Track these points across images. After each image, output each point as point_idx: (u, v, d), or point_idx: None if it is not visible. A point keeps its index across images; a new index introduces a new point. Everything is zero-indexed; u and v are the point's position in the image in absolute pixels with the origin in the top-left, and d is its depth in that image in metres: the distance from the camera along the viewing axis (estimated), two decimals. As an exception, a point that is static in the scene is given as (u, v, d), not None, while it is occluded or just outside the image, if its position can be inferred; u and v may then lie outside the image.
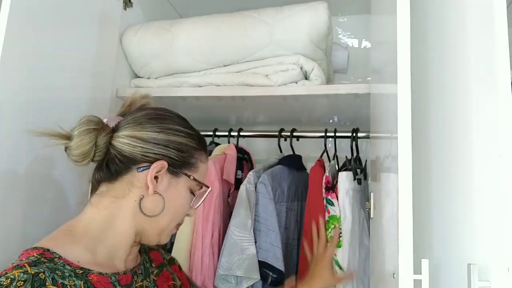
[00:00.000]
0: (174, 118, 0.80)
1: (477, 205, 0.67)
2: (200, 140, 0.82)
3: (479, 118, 0.69)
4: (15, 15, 0.88)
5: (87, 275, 0.68)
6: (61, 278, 0.64)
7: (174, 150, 0.76)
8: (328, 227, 1.07)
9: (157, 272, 0.85)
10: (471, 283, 0.58)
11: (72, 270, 0.66)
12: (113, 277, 0.72)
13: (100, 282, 0.69)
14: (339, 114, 1.43)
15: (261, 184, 1.14)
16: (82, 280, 0.66)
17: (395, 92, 0.63)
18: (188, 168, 0.78)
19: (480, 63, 0.69)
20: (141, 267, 0.81)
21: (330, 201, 1.10)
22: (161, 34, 1.26)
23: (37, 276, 0.61)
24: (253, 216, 1.11)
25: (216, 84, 1.23)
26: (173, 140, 0.76)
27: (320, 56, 1.21)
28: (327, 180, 1.12)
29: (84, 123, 0.74)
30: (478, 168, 0.67)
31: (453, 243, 0.75)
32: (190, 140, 0.79)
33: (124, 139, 0.74)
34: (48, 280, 0.62)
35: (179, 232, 1.11)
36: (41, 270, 0.62)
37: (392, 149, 0.67)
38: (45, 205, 0.97)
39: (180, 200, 0.78)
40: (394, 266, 0.60)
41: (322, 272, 1.03)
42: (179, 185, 0.77)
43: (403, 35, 0.64)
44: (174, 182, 0.77)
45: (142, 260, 0.83)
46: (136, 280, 0.77)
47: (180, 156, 0.77)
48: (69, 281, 0.64)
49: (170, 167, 0.76)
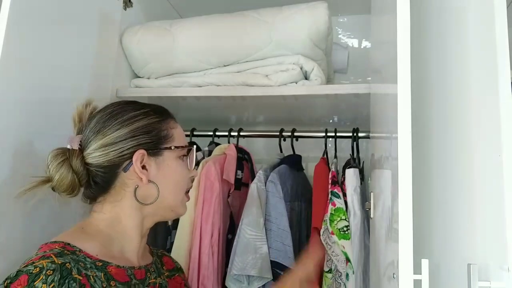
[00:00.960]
0: (124, 107, 0.81)
1: (477, 205, 0.67)
2: (158, 111, 0.83)
3: (479, 118, 0.68)
4: (15, 15, 0.88)
5: (106, 267, 0.71)
6: (84, 269, 0.67)
7: (142, 135, 0.78)
8: (333, 220, 1.07)
9: (168, 275, 0.88)
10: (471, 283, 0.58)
11: (92, 262, 0.70)
12: (129, 270, 0.75)
13: (118, 274, 0.72)
14: (339, 114, 1.43)
15: (271, 183, 1.15)
16: (102, 272, 0.70)
17: (395, 92, 0.63)
18: (164, 142, 0.80)
19: (480, 63, 0.69)
20: (153, 265, 0.84)
21: (336, 194, 1.10)
22: (161, 34, 1.26)
23: (64, 266, 0.64)
24: (264, 215, 1.11)
25: (216, 84, 1.23)
26: (136, 127, 0.78)
27: (320, 56, 1.21)
28: (333, 175, 1.13)
29: (53, 158, 0.77)
30: (478, 168, 0.67)
31: (453, 243, 0.75)
32: (149, 118, 0.80)
33: (94, 153, 0.77)
34: (74, 270, 0.65)
35: (179, 231, 1.12)
36: (67, 260, 0.65)
37: (392, 149, 0.67)
38: (45, 206, 0.97)
39: (175, 173, 0.81)
40: (394, 266, 0.60)
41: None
42: (167, 161, 0.80)
43: (403, 35, 0.64)
44: (161, 161, 0.79)
45: (154, 261, 0.86)
46: (149, 276, 0.80)
47: (151, 136, 0.79)
48: (91, 272, 0.68)
49: (149, 151, 0.78)
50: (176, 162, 0.81)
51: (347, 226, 1.06)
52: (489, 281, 0.58)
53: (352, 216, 1.08)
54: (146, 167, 0.78)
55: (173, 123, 0.84)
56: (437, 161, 0.85)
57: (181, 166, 0.82)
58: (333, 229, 1.06)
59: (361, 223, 1.08)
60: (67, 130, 1.02)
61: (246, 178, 1.30)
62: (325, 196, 1.12)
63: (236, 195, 1.26)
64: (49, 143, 0.98)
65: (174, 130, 0.83)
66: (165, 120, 0.82)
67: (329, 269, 1.06)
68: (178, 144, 0.82)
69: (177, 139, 0.82)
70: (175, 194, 0.81)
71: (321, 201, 1.12)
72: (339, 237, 1.05)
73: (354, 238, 1.05)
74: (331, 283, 1.05)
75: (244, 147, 1.33)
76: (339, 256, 1.05)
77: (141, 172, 0.76)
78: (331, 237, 1.06)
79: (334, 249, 1.06)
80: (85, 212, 0.84)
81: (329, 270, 1.06)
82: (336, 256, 1.05)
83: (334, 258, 1.05)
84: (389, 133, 0.72)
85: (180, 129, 0.86)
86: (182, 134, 0.86)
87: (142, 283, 0.77)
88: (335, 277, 1.05)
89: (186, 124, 1.36)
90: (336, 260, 1.05)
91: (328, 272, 1.06)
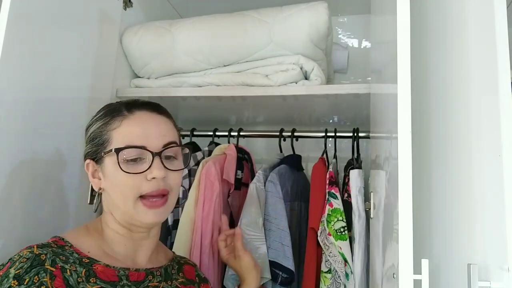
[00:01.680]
0: (91, 120, 0.81)
1: (477, 205, 0.67)
2: (108, 112, 0.78)
3: (479, 118, 0.68)
4: (15, 15, 0.88)
5: (93, 264, 0.73)
6: (62, 262, 0.69)
7: (88, 145, 0.79)
8: (330, 220, 1.07)
9: (183, 281, 0.86)
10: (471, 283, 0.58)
11: (78, 258, 0.72)
12: (122, 271, 0.75)
13: (105, 273, 0.73)
14: (339, 114, 1.43)
15: (270, 183, 1.14)
16: (85, 268, 0.71)
17: (395, 92, 0.63)
18: (103, 147, 0.76)
19: (480, 63, 0.69)
20: (162, 269, 0.83)
21: (333, 194, 1.10)
22: (161, 34, 1.26)
23: (38, 257, 0.68)
24: (263, 215, 1.11)
25: (216, 84, 1.23)
26: (87, 137, 0.80)
27: (320, 56, 1.21)
28: (331, 175, 1.13)
29: None
30: (478, 168, 0.67)
31: (453, 243, 0.75)
32: (97, 123, 0.78)
33: None
34: (47, 261, 0.68)
35: (179, 231, 1.12)
36: (44, 252, 0.69)
37: (392, 149, 0.67)
38: (45, 205, 0.97)
39: (116, 178, 0.74)
40: (394, 266, 0.60)
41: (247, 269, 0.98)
42: (107, 167, 0.75)
43: (403, 35, 0.64)
44: (104, 167, 0.76)
45: (168, 265, 0.85)
46: (150, 279, 0.79)
47: (94, 144, 0.78)
48: (71, 266, 0.70)
49: (95, 159, 0.78)
50: (116, 166, 0.73)
51: (344, 227, 1.06)
52: (489, 281, 0.58)
53: (357, 217, 1.07)
54: (99, 175, 0.78)
55: (116, 123, 0.76)
56: (437, 161, 0.85)
57: (120, 172, 0.73)
58: (330, 230, 1.06)
59: (366, 224, 1.08)
60: (67, 130, 1.03)
61: (246, 178, 1.30)
62: (322, 196, 1.12)
63: (236, 195, 1.26)
64: (49, 143, 0.98)
65: (114, 131, 0.75)
66: (109, 122, 0.76)
67: (328, 270, 1.06)
68: (118, 144, 0.74)
69: (115, 141, 0.75)
70: (123, 201, 0.75)
71: (319, 201, 1.12)
72: (335, 238, 1.05)
73: (359, 239, 1.05)
74: (330, 283, 1.04)
75: (244, 147, 1.33)
76: (336, 257, 1.05)
77: (93, 182, 0.79)
78: (328, 238, 1.06)
79: (331, 249, 1.06)
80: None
81: (328, 271, 1.06)
82: (334, 257, 1.05)
83: (332, 259, 1.05)
84: (389, 133, 0.72)
85: (128, 127, 0.75)
86: (126, 134, 0.75)
87: (136, 285, 0.76)
88: (335, 277, 1.05)
89: (186, 124, 1.37)
90: (333, 261, 1.05)
91: (327, 273, 1.06)
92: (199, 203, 1.12)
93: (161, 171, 0.74)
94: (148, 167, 0.74)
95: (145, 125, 0.76)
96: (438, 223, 0.82)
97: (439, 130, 0.86)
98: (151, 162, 0.74)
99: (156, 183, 0.74)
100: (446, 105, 0.84)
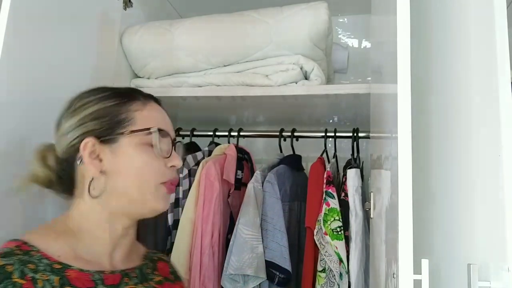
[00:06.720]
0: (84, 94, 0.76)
1: (477, 205, 0.67)
2: (122, 93, 0.75)
3: (479, 118, 0.68)
4: (15, 15, 0.88)
5: (65, 270, 0.65)
6: (32, 271, 0.61)
7: (91, 122, 0.71)
8: (327, 220, 1.07)
9: (159, 280, 0.81)
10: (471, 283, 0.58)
11: (49, 264, 0.64)
12: (96, 275, 0.69)
13: (79, 279, 0.66)
14: (339, 114, 1.43)
15: (268, 183, 1.14)
16: (58, 276, 0.64)
17: (395, 92, 0.63)
18: (119, 127, 0.71)
19: (480, 63, 0.69)
20: (136, 271, 0.77)
21: (331, 194, 1.10)
22: (161, 34, 1.26)
23: (3, 269, 0.59)
24: (261, 215, 1.11)
25: (216, 84, 1.23)
26: (85, 114, 0.72)
27: (320, 56, 1.21)
28: (328, 175, 1.13)
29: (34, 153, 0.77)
30: (478, 168, 0.67)
31: (453, 243, 0.75)
32: (105, 102, 0.73)
33: (55, 145, 0.75)
34: (15, 273, 0.60)
35: (179, 232, 1.12)
36: (9, 262, 0.60)
37: (392, 149, 0.67)
38: (45, 205, 0.97)
39: (136, 161, 0.71)
40: (394, 266, 0.60)
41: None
42: (123, 148, 0.70)
43: (403, 35, 0.64)
44: (117, 148, 0.70)
45: (142, 265, 0.80)
46: (126, 282, 0.73)
47: (102, 122, 0.71)
48: (42, 275, 0.62)
49: (101, 138, 0.70)
50: (137, 149, 0.70)
51: (340, 226, 1.06)
52: (489, 281, 0.58)
53: (354, 217, 1.08)
54: (100, 156, 0.70)
55: (139, 105, 0.74)
56: (437, 161, 0.85)
57: (146, 153, 0.71)
58: (326, 229, 1.06)
59: (362, 223, 1.08)
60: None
61: (246, 178, 1.30)
62: (319, 196, 1.12)
63: (236, 195, 1.26)
64: (49, 143, 0.98)
65: (137, 112, 0.72)
66: (127, 103, 0.73)
67: (322, 269, 1.06)
68: (139, 126, 0.71)
69: (139, 122, 0.72)
70: (139, 187, 0.70)
71: (316, 201, 1.12)
72: (332, 238, 1.05)
73: (356, 238, 1.05)
74: (324, 282, 1.05)
75: (244, 147, 1.33)
76: (332, 257, 1.05)
77: (91, 162, 0.69)
78: (324, 237, 1.06)
79: (327, 249, 1.06)
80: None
81: (323, 270, 1.06)
82: (329, 256, 1.05)
83: (327, 258, 1.05)
84: (389, 133, 0.72)
85: (150, 112, 0.74)
86: (151, 117, 0.73)
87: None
88: (329, 277, 1.05)
89: (186, 124, 1.37)
90: (329, 261, 1.05)
91: (321, 272, 1.06)
92: (199, 203, 1.12)
93: (180, 162, 0.75)
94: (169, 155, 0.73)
95: (164, 114, 0.77)
96: (438, 223, 0.82)
97: (439, 130, 0.86)
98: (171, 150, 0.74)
99: (174, 172, 0.75)
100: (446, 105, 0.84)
